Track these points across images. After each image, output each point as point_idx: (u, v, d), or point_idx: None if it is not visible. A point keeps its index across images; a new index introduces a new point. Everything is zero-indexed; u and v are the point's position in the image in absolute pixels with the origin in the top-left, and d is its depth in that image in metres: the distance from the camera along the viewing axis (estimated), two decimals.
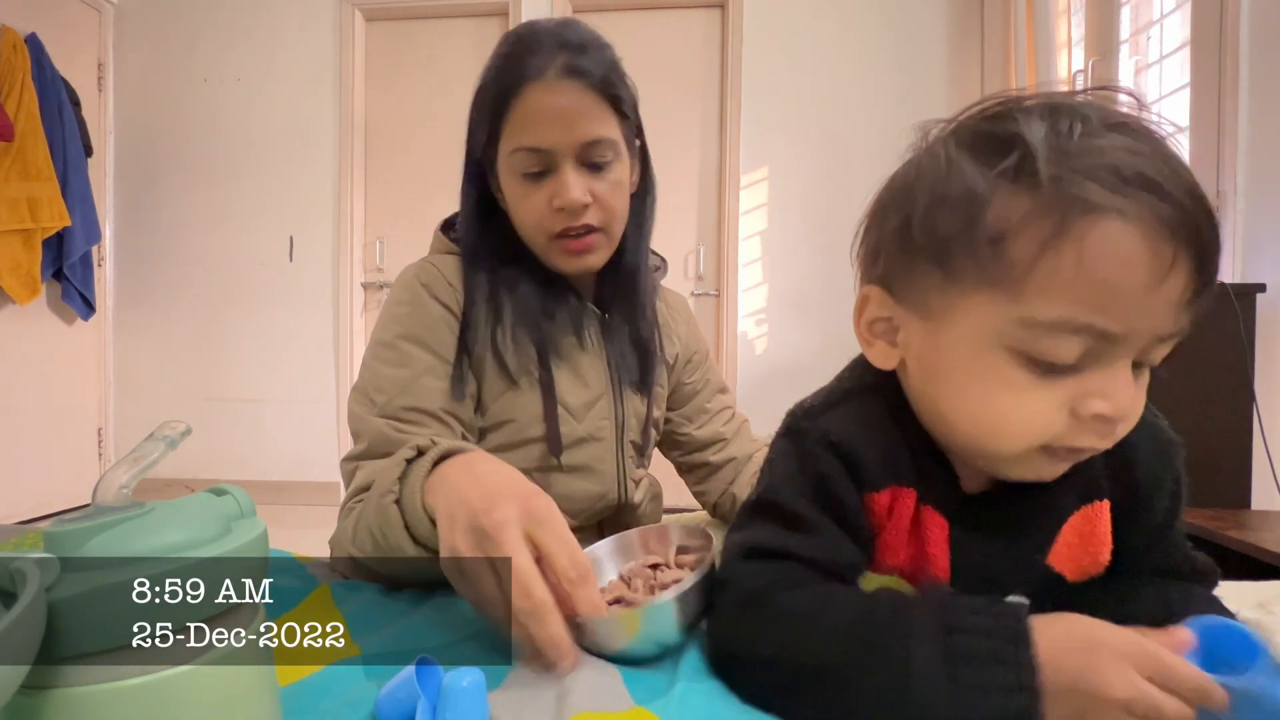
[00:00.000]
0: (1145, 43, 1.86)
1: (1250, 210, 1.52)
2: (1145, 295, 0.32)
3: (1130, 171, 0.31)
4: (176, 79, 2.89)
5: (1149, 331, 0.33)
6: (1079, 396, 0.34)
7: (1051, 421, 0.35)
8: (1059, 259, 0.32)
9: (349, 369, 2.84)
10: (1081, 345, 0.33)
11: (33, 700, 0.24)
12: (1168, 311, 0.32)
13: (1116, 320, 0.32)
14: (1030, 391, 0.35)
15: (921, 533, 0.43)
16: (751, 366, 2.66)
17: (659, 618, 0.42)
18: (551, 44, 0.65)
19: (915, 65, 2.59)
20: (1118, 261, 0.31)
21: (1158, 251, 0.31)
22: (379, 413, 0.65)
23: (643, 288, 0.78)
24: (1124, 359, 0.34)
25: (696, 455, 0.88)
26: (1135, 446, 0.42)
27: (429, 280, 0.71)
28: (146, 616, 0.24)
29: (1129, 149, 0.31)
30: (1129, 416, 0.35)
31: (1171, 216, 0.31)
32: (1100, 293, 0.32)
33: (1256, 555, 1.08)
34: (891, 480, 0.42)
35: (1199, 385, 1.35)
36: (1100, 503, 0.44)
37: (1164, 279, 0.31)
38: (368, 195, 2.89)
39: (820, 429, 0.43)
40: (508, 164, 0.67)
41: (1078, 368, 0.34)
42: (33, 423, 2.62)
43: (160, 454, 0.29)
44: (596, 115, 0.66)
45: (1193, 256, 0.31)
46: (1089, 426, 0.35)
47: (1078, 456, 0.37)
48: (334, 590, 0.54)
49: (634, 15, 2.75)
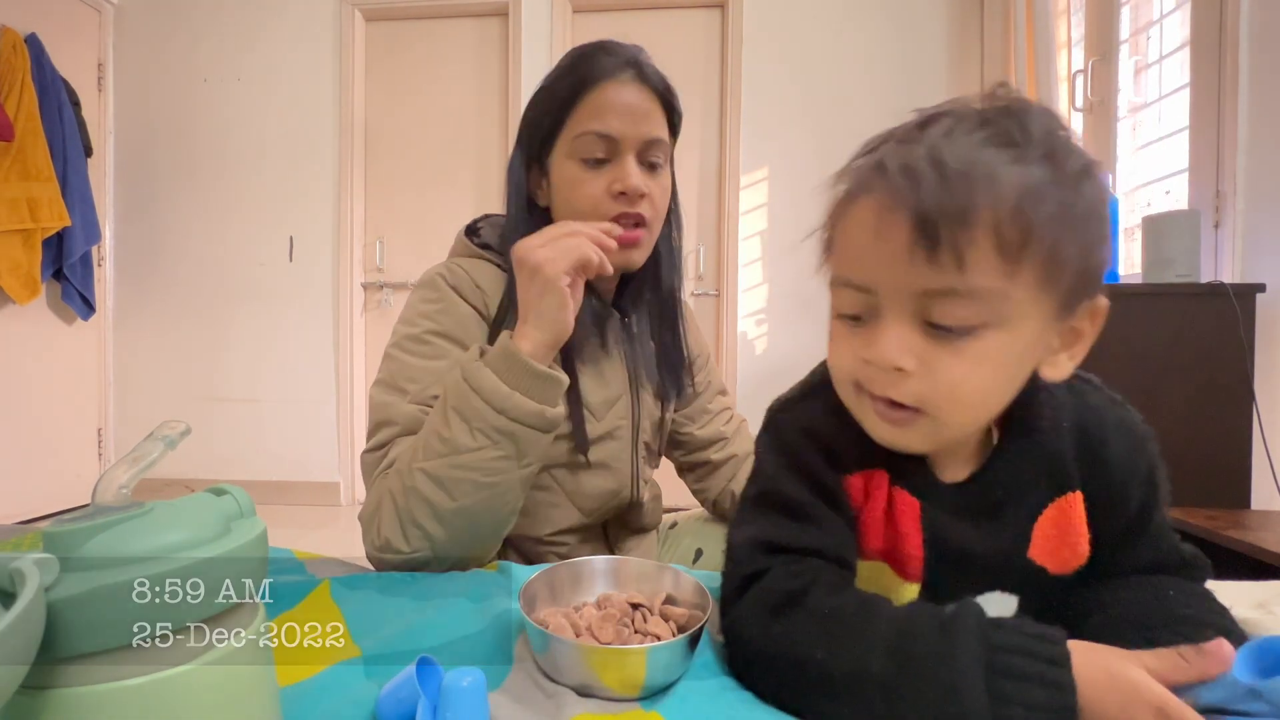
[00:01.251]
0: (1145, 43, 1.86)
1: (1250, 210, 1.51)
2: (872, 249, 0.38)
3: (894, 163, 0.37)
4: (176, 79, 2.89)
5: (896, 284, 0.38)
6: (861, 345, 0.40)
7: (851, 365, 0.41)
8: (837, 230, 0.41)
9: (349, 369, 2.84)
10: (854, 298, 0.40)
11: (33, 700, 0.24)
12: (899, 264, 0.37)
13: (860, 274, 0.39)
14: (840, 340, 0.42)
15: (895, 513, 0.45)
16: (751, 366, 2.66)
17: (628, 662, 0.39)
18: (625, 53, 0.71)
19: (915, 65, 2.59)
20: (855, 226, 0.39)
21: (880, 217, 0.37)
22: (411, 400, 0.66)
23: (676, 304, 0.82)
24: (890, 314, 0.38)
25: (698, 454, 0.90)
26: (1106, 436, 0.45)
27: (456, 282, 0.72)
28: (146, 616, 0.24)
29: (920, 141, 0.37)
30: (890, 364, 0.38)
31: (892, 188, 0.37)
32: (848, 252, 0.40)
33: (1256, 555, 1.08)
34: (864, 464, 0.45)
35: (1199, 385, 1.36)
36: (1073, 494, 0.45)
37: (883, 235, 0.37)
38: (367, 195, 2.89)
39: (794, 419, 0.47)
40: (570, 148, 0.70)
41: (862, 320, 0.40)
42: (33, 423, 2.62)
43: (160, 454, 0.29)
44: (657, 119, 0.71)
45: (911, 218, 0.36)
46: (870, 373, 0.40)
47: (891, 412, 0.40)
48: (334, 589, 0.54)
49: (634, 15, 2.75)
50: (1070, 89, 2.06)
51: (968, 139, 0.36)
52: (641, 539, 0.88)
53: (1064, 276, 0.37)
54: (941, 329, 0.37)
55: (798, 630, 0.39)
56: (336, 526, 2.61)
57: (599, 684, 0.39)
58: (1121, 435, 0.45)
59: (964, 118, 0.37)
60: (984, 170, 0.35)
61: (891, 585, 0.46)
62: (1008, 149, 0.36)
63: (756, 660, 0.41)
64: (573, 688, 0.40)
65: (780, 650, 0.39)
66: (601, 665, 0.39)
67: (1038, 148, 0.36)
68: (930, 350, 0.38)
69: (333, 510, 2.81)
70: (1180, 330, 1.38)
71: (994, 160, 0.35)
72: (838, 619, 0.38)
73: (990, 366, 0.38)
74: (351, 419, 2.85)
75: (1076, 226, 0.36)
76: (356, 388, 2.86)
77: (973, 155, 0.35)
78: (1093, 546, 0.45)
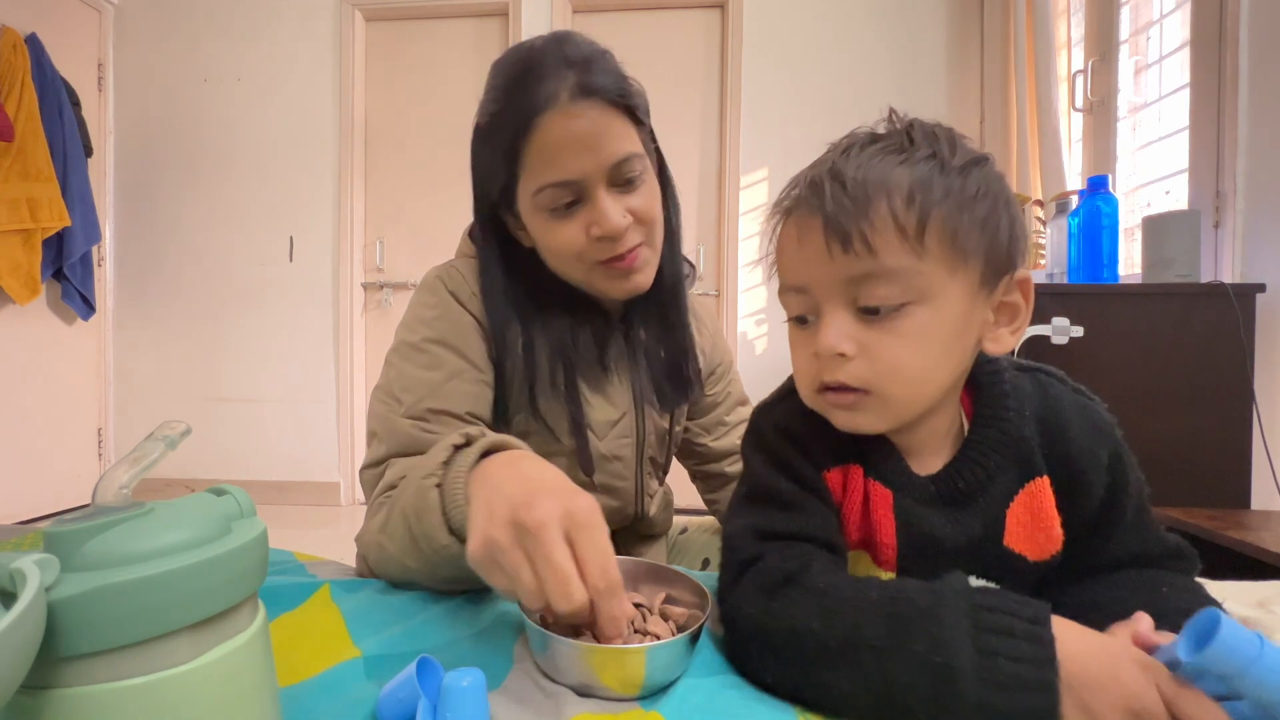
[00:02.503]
0: (1145, 43, 1.86)
1: (1250, 210, 1.51)
2: (797, 253, 0.44)
3: (804, 183, 0.44)
4: (176, 79, 2.89)
5: (823, 279, 0.43)
6: (810, 340, 0.44)
7: (808, 365, 0.45)
8: (776, 248, 0.47)
9: (349, 369, 2.84)
10: (797, 301, 0.46)
11: (33, 700, 0.24)
12: (819, 260, 0.42)
13: (793, 276, 0.45)
14: (797, 344, 0.47)
15: (870, 504, 0.47)
16: (752, 366, 2.66)
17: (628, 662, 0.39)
18: (556, 65, 0.60)
19: (915, 66, 2.59)
20: (786, 242, 0.46)
21: (798, 226, 0.44)
22: (405, 413, 0.64)
23: (681, 301, 0.76)
24: (827, 307, 0.43)
25: (712, 466, 0.88)
26: (1066, 424, 0.47)
27: (455, 288, 0.69)
28: (146, 616, 0.24)
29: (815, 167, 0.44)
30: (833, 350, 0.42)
31: (798, 201, 0.44)
32: (785, 264, 0.46)
33: (1256, 555, 1.08)
34: (839, 460, 0.48)
35: (1199, 385, 1.36)
36: (1040, 479, 0.46)
37: (801, 240, 0.44)
38: (367, 195, 2.89)
39: (773, 420, 0.50)
40: (534, 203, 0.63)
41: (808, 321, 0.45)
42: (33, 423, 2.62)
43: (160, 454, 0.29)
44: (619, 131, 0.62)
45: (820, 222, 0.42)
46: (820, 364, 0.44)
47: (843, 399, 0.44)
48: (334, 590, 0.54)
49: (634, 15, 2.75)
50: (1070, 89, 2.06)
51: (861, 153, 0.42)
52: (650, 545, 0.87)
53: (971, 252, 0.41)
54: (871, 312, 0.42)
55: (794, 605, 0.40)
56: (336, 526, 2.61)
57: (598, 684, 0.39)
58: (1082, 423, 0.47)
59: (859, 138, 0.44)
60: (876, 173, 0.41)
61: (870, 573, 0.48)
62: (896, 154, 0.42)
63: (755, 637, 0.42)
64: (572, 687, 0.40)
65: (778, 625, 0.40)
66: (601, 665, 0.39)
67: (923, 149, 0.42)
68: (866, 334, 0.42)
69: (333, 510, 2.81)
70: (1180, 330, 1.38)
71: (884, 164, 0.41)
72: (832, 593, 0.40)
73: (923, 341, 0.42)
74: (351, 419, 2.85)
75: (968, 206, 0.41)
76: (356, 388, 2.86)
77: (866, 163, 0.42)
78: (1066, 533, 0.46)
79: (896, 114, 0.45)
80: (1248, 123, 1.51)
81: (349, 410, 2.85)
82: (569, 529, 0.40)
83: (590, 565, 0.39)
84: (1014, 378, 0.48)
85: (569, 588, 0.38)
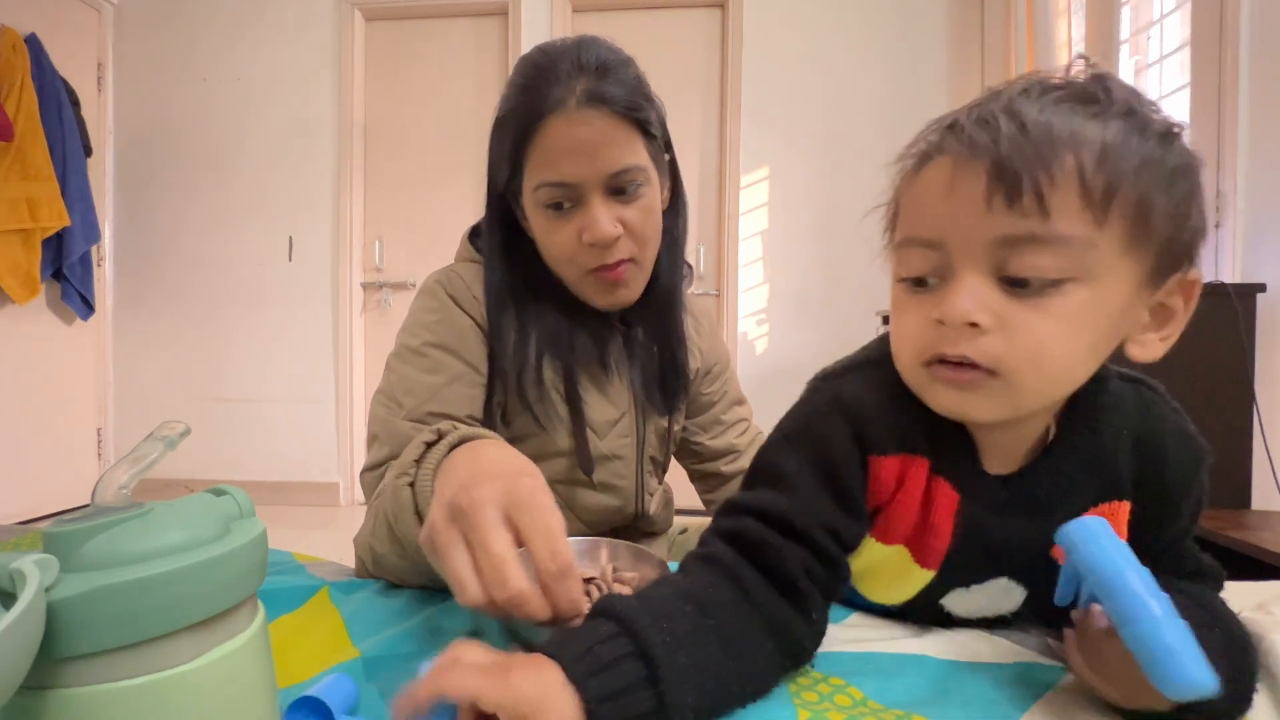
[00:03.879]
0: (1145, 43, 1.86)
1: (1250, 210, 1.51)
2: (943, 202, 0.37)
3: (968, 119, 0.37)
4: (176, 79, 2.89)
5: (968, 236, 0.36)
6: (931, 306, 0.38)
7: (919, 333, 0.39)
8: (905, 194, 0.40)
9: (348, 369, 2.84)
10: (922, 258, 0.39)
11: (32, 700, 0.24)
12: (973, 213, 0.36)
13: (930, 228, 0.38)
14: (908, 311, 0.40)
15: (931, 503, 0.43)
16: (752, 366, 2.66)
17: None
18: (570, 70, 0.61)
19: (915, 65, 2.59)
20: (925, 183, 0.38)
21: (953, 168, 0.37)
22: (405, 416, 0.64)
23: (676, 310, 0.76)
24: (964, 269, 0.37)
25: (709, 465, 0.89)
26: (1166, 451, 0.43)
27: (455, 292, 0.70)
28: (146, 617, 0.24)
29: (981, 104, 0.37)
30: (965, 319, 0.36)
31: (962, 141, 0.36)
32: (917, 209, 0.39)
33: (1256, 555, 1.08)
34: (902, 448, 0.43)
35: (1199, 385, 1.36)
36: (1120, 503, 0.43)
37: (953, 185, 0.37)
38: (367, 195, 2.89)
39: (832, 390, 0.45)
40: (533, 198, 0.66)
41: (930, 284, 0.39)
42: (33, 423, 2.62)
43: (159, 454, 0.29)
44: (622, 142, 0.62)
45: (987, 166, 0.35)
46: (941, 333, 0.38)
47: (958, 377, 0.38)
48: (333, 591, 0.54)
49: (634, 15, 2.75)
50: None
51: (1044, 98, 0.35)
52: (651, 542, 0.87)
53: (1154, 236, 0.35)
54: (1020, 284, 0.35)
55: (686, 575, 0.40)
56: (336, 527, 2.61)
57: None
58: (1182, 452, 0.43)
59: (1039, 82, 0.37)
60: (1064, 122, 0.34)
61: (905, 569, 0.45)
62: (1088, 106, 0.35)
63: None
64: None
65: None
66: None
67: (1119, 106, 0.35)
68: (1009, 307, 0.36)
69: (332, 511, 2.81)
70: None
71: (1073, 114, 0.35)
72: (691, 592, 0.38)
73: (1076, 327, 0.36)
74: (351, 419, 2.85)
75: (1164, 182, 0.35)
76: (356, 388, 2.86)
77: (1051, 109, 0.35)
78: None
79: (1088, 61, 0.37)
80: (1248, 123, 1.51)
81: (348, 410, 2.85)
82: (510, 510, 0.37)
83: (537, 547, 0.36)
84: (1118, 388, 0.43)
85: (503, 573, 0.35)
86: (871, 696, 0.39)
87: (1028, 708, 0.38)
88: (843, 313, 2.59)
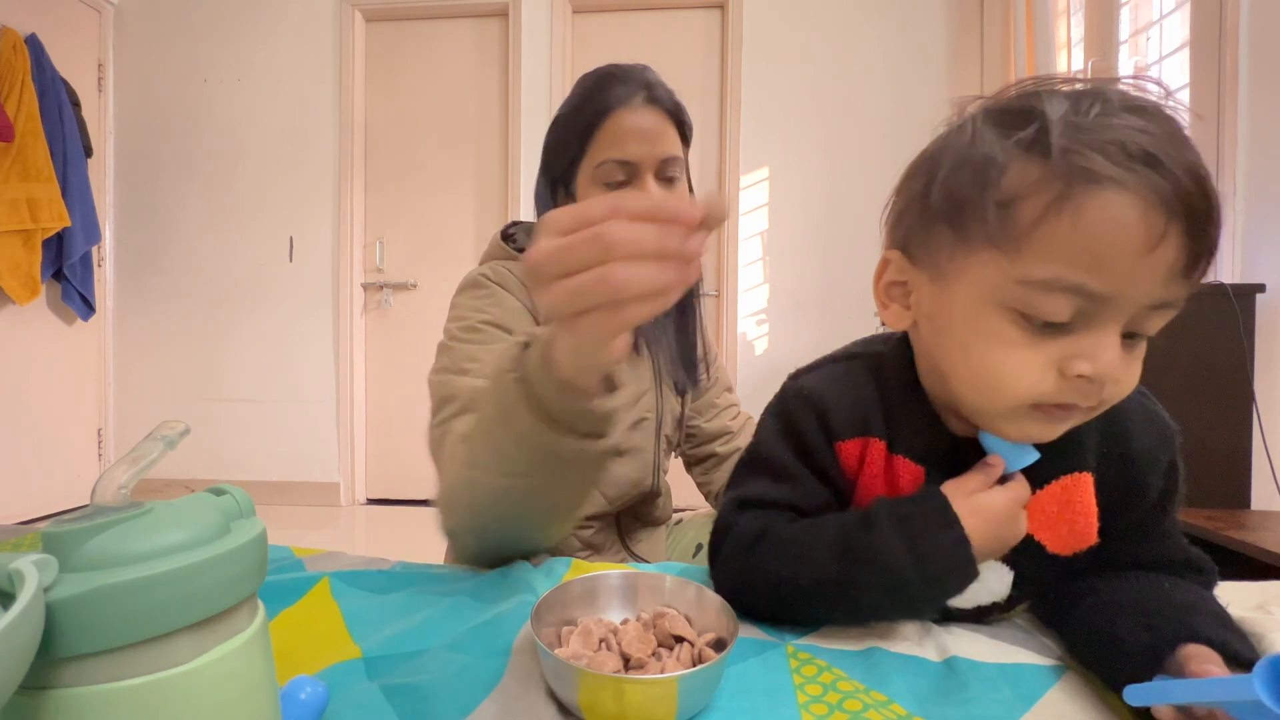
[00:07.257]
0: (1145, 43, 1.86)
1: (1250, 210, 1.52)
2: (1135, 261, 0.33)
3: (1135, 148, 0.32)
4: (176, 79, 2.89)
5: (1138, 297, 0.35)
6: (1067, 356, 0.36)
7: (1041, 379, 0.37)
8: (1058, 222, 0.34)
9: (349, 369, 2.84)
10: (1072, 305, 0.35)
11: (32, 700, 0.24)
12: (1157, 279, 0.34)
13: (1105, 282, 0.34)
14: (1022, 349, 0.37)
15: (894, 479, 0.47)
16: (751, 366, 2.66)
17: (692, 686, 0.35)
18: (636, 78, 0.75)
19: (915, 66, 2.59)
20: (1112, 227, 0.33)
21: (1150, 221, 0.33)
22: (474, 376, 0.65)
23: (694, 296, 0.87)
24: (1113, 323, 0.36)
25: (705, 447, 0.96)
26: (1130, 424, 0.45)
27: (501, 279, 0.76)
28: (146, 616, 0.24)
29: (1139, 128, 0.33)
30: (1115, 380, 0.37)
31: (1167, 191, 0.32)
32: (1092, 256, 0.34)
33: (1256, 555, 1.08)
34: (860, 432, 0.48)
35: (1199, 385, 1.36)
36: (1082, 474, 0.45)
37: (1154, 247, 0.33)
38: (367, 195, 2.89)
39: (797, 385, 0.50)
40: (592, 176, 0.74)
41: (1068, 328, 0.36)
42: (33, 423, 2.62)
43: (159, 454, 0.29)
44: (670, 137, 0.75)
45: (1185, 230, 0.33)
46: (1074, 386, 0.37)
47: (1067, 416, 0.39)
48: (333, 588, 0.54)
49: (634, 15, 2.75)
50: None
51: (1171, 124, 0.34)
52: (652, 532, 0.91)
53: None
54: (1135, 338, 0.37)
55: (767, 559, 0.46)
56: (336, 527, 2.61)
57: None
58: (1147, 427, 0.45)
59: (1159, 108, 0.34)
60: (1211, 174, 0.33)
61: None
62: (1190, 142, 0.34)
63: (742, 591, 0.46)
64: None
65: (757, 578, 0.46)
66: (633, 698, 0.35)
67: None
68: (1123, 359, 0.37)
69: (333, 510, 2.81)
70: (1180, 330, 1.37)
71: (1199, 155, 0.34)
72: (796, 542, 0.45)
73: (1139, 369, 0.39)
74: (351, 419, 2.85)
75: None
76: (356, 388, 2.86)
77: (1187, 147, 0.33)
78: (1103, 536, 0.45)
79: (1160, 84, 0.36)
80: (1248, 123, 1.51)
81: (349, 410, 2.85)
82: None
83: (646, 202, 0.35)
84: None
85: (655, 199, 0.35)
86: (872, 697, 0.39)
87: (1028, 708, 0.38)
88: (842, 313, 2.59)
